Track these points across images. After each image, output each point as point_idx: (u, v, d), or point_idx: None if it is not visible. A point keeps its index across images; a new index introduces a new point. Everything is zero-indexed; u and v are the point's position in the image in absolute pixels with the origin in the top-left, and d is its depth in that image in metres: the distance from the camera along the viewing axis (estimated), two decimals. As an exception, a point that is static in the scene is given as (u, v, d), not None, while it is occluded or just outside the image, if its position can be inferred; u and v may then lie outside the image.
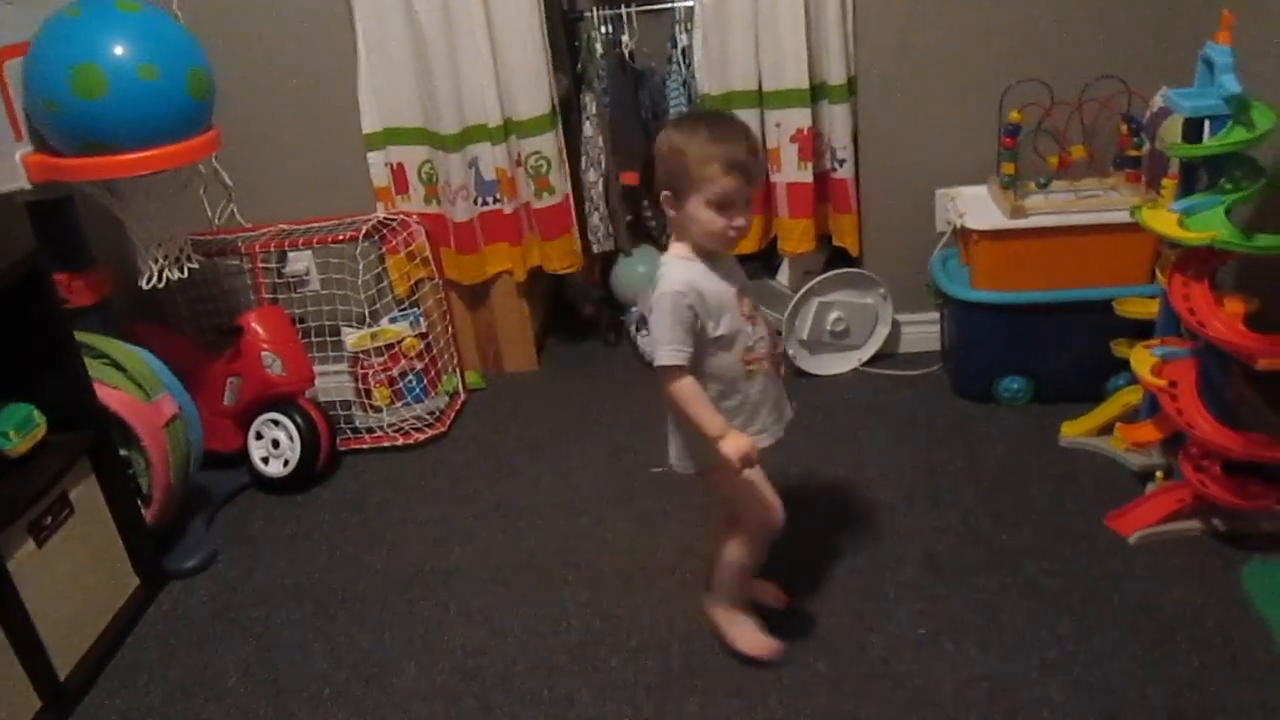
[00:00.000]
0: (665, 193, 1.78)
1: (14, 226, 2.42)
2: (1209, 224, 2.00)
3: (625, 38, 3.11)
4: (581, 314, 3.51)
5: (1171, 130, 2.16)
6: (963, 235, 2.71)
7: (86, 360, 2.29)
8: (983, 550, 2.23)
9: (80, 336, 2.30)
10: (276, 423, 2.74)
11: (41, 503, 2.10)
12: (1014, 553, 2.20)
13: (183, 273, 2.66)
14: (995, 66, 2.71)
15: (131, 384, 2.42)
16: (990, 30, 2.75)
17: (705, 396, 1.80)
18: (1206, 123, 2.05)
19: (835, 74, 2.84)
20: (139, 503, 2.40)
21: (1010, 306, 2.62)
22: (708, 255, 1.80)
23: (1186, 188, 2.15)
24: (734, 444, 1.78)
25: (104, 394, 2.32)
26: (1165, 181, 2.27)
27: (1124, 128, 2.58)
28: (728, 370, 1.82)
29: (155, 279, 2.59)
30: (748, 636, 2.02)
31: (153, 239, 2.58)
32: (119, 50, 2.25)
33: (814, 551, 2.29)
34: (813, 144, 2.91)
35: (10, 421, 2.10)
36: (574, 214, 3.13)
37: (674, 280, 1.76)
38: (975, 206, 2.68)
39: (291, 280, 3.06)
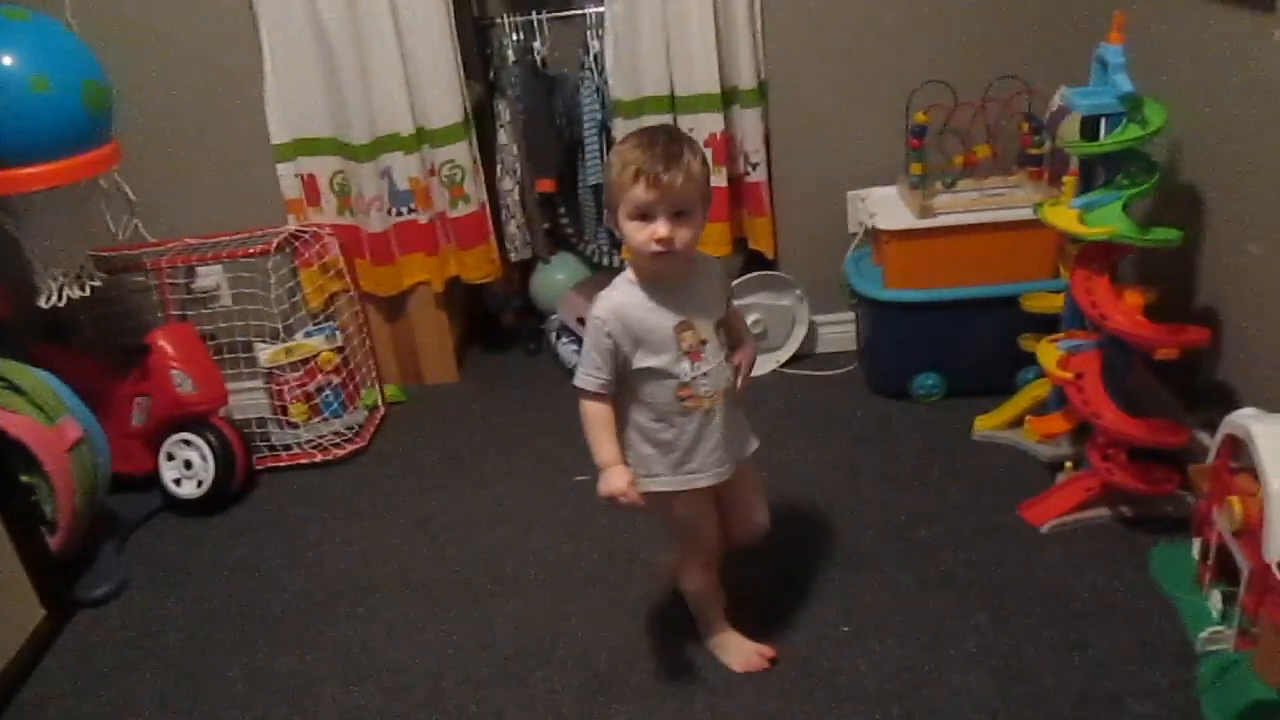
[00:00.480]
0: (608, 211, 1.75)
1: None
2: (1107, 219, 2.06)
3: (537, 44, 3.10)
4: (501, 323, 3.49)
5: (1070, 128, 2.23)
6: (874, 235, 2.75)
7: (-17, 385, 2.21)
8: (902, 545, 2.26)
9: (-24, 361, 2.22)
10: (189, 443, 2.67)
11: (-63, 535, 2.02)
12: (931, 546, 2.24)
13: (84, 290, 2.58)
14: (901, 69, 2.76)
15: (32, 408, 2.34)
16: (895, 33, 2.80)
17: (607, 424, 1.76)
18: (1103, 120, 2.11)
19: (746, 78, 2.87)
20: (44, 530, 2.31)
21: (922, 304, 2.67)
22: (653, 280, 1.72)
23: (1086, 184, 2.21)
24: (606, 481, 1.76)
25: (3, 419, 2.24)
26: (1066, 178, 2.33)
27: (1025, 126, 2.65)
28: (660, 402, 1.76)
29: (55, 298, 2.51)
30: (734, 656, 1.99)
31: (51, 256, 2.50)
32: (6, 61, 2.18)
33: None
34: (726, 148, 2.93)
35: (-99, 451, 2.02)
36: (490, 222, 3.10)
37: (601, 305, 1.73)
38: (885, 207, 2.72)
39: (201, 296, 2.99)
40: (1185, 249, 2.22)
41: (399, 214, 3.05)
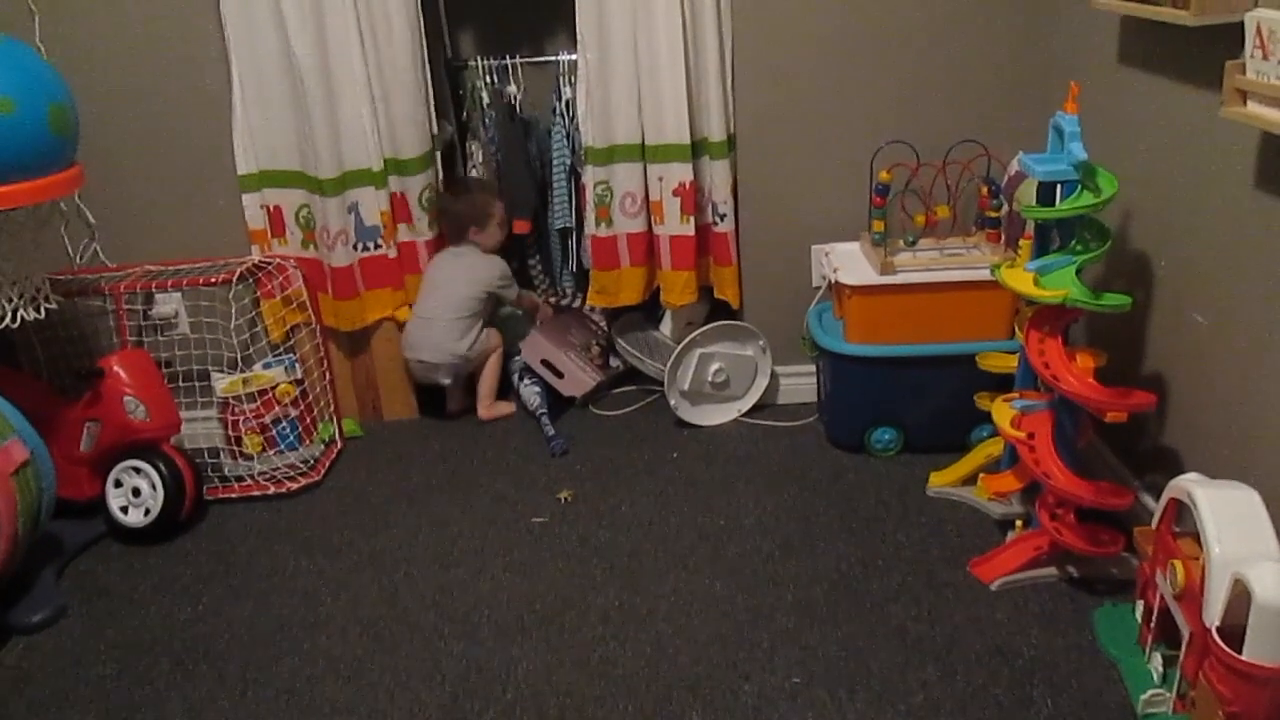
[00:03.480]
0: None
1: None
2: (1061, 282, 2.11)
3: (511, 88, 3.13)
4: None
5: (1026, 193, 2.28)
6: (837, 290, 2.79)
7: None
8: (854, 597, 2.27)
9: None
10: (138, 470, 2.63)
11: None
12: (883, 599, 2.25)
13: (39, 313, 2.55)
14: (866, 128, 2.82)
15: (-22, 429, 2.30)
16: (861, 93, 2.87)
17: None
18: (1058, 187, 2.17)
19: (716, 130, 2.91)
20: (-18, 555, 2.26)
21: (881, 359, 2.71)
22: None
23: (1041, 248, 2.26)
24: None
25: (-53, 440, 2.20)
26: (1022, 241, 2.38)
27: (984, 189, 2.71)
28: None
29: (9, 319, 2.48)
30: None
31: (7, 277, 2.47)
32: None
33: (689, 600, 2.30)
34: (694, 198, 2.97)
35: None
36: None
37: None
38: (848, 262, 2.76)
39: (159, 323, 2.96)
40: (1134, 315, 2.27)
41: (365, 249, 3.05)
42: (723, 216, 3.01)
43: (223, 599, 2.42)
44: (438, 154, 3.05)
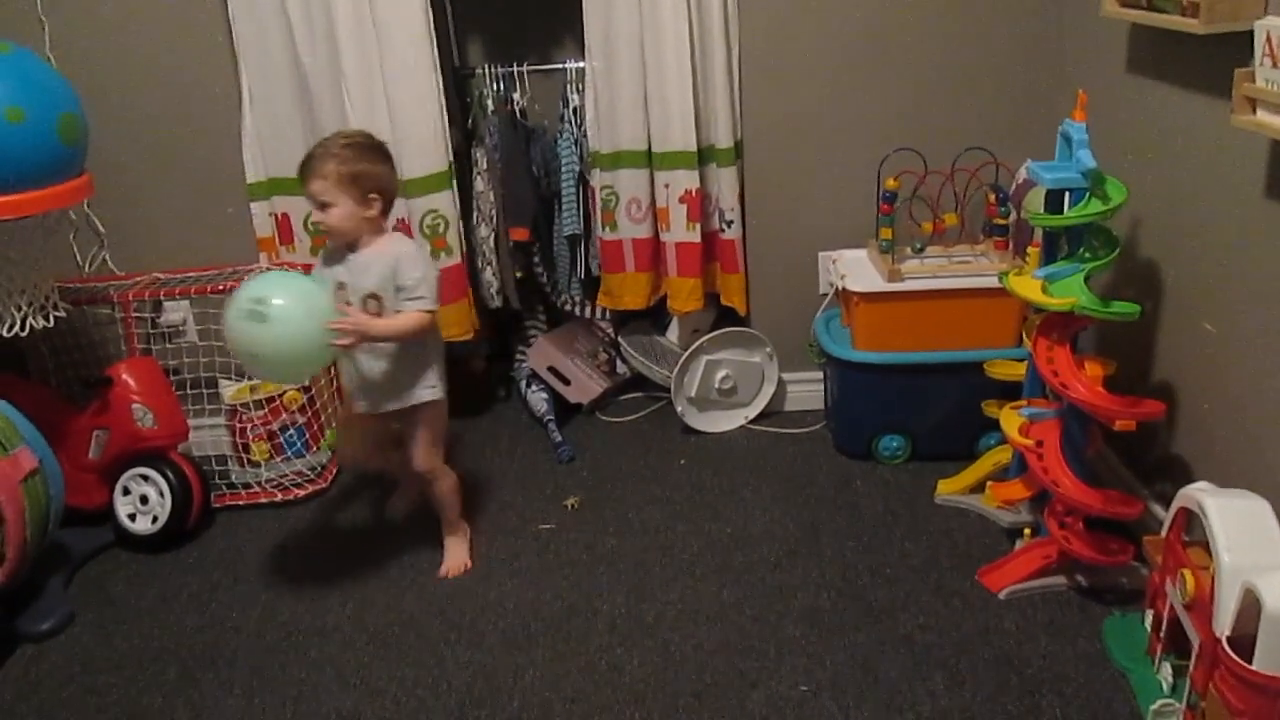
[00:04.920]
0: None
1: None
2: (1069, 290, 2.10)
3: (516, 95, 3.13)
4: (471, 369, 3.48)
5: (1035, 200, 2.28)
6: (844, 297, 2.79)
7: (-62, 412, 2.18)
8: (862, 606, 2.26)
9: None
10: (146, 478, 2.64)
11: (-119, 563, 1.98)
12: (891, 608, 2.25)
13: (48, 321, 2.55)
14: (874, 135, 2.82)
15: (-13, 437, 2.30)
16: (869, 100, 2.87)
17: None
18: (1066, 194, 2.16)
19: (723, 137, 2.91)
20: (-9, 562, 2.27)
21: (888, 367, 2.70)
22: (326, 248, 2.35)
23: (1049, 255, 2.25)
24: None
25: (-44, 448, 2.20)
26: (1030, 249, 2.38)
27: (992, 197, 2.71)
28: None
29: (17, 326, 2.48)
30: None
31: (16, 286, 2.48)
32: (-19, 91, 2.17)
33: (696, 608, 2.29)
34: (700, 205, 2.97)
35: None
36: (467, 278, 3.08)
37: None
38: (856, 269, 2.76)
39: (167, 330, 2.97)
40: (1143, 323, 2.27)
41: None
42: (730, 223, 3.01)
43: (230, 606, 2.42)
44: (454, 181, 2.98)
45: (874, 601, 2.27)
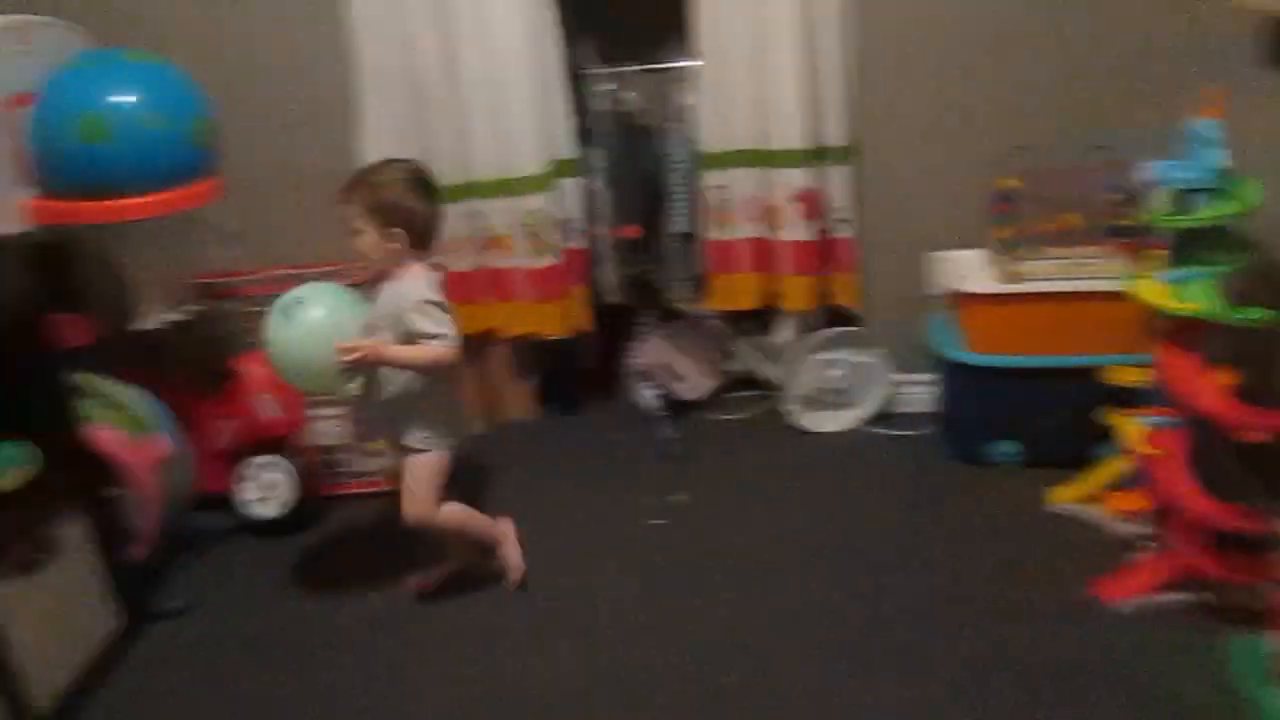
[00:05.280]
0: None
1: (14, 268, 2.46)
2: (1197, 295, 2.01)
3: (629, 95, 3.15)
4: (583, 365, 3.52)
5: (1161, 201, 2.18)
6: (958, 298, 2.73)
7: (81, 400, 2.32)
8: (971, 614, 2.21)
9: (76, 376, 2.32)
10: (268, 466, 2.75)
11: (29, 539, 2.11)
12: (1002, 617, 2.19)
13: (181, 315, 2.69)
14: (991, 133, 2.75)
15: (126, 423, 2.44)
16: (987, 97, 2.79)
17: None
18: (1195, 195, 2.07)
19: (836, 136, 2.88)
20: (126, 541, 2.40)
21: (1002, 370, 2.63)
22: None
23: (1176, 259, 2.16)
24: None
25: (98, 433, 2.34)
26: (1155, 252, 2.28)
27: (1115, 197, 2.60)
28: None
29: (155, 320, 2.62)
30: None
31: (152, 282, 2.61)
32: (125, 99, 2.29)
33: (804, 609, 2.28)
34: (813, 203, 2.94)
35: (2, 458, 2.12)
36: (577, 275, 3.12)
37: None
38: (970, 270, 2.70)
39: (291, 324, 3.07)
40: (1276, 331, 2.15)
41: (481, 257, 3.12)
42: (843, 222, 2.97)
43: (346, 591, 2.51)
44: (564, 180, 3.03)
45: (983, 609, 2.22)
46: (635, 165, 3.17)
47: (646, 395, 3.20)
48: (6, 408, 2.18)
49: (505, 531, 2.48)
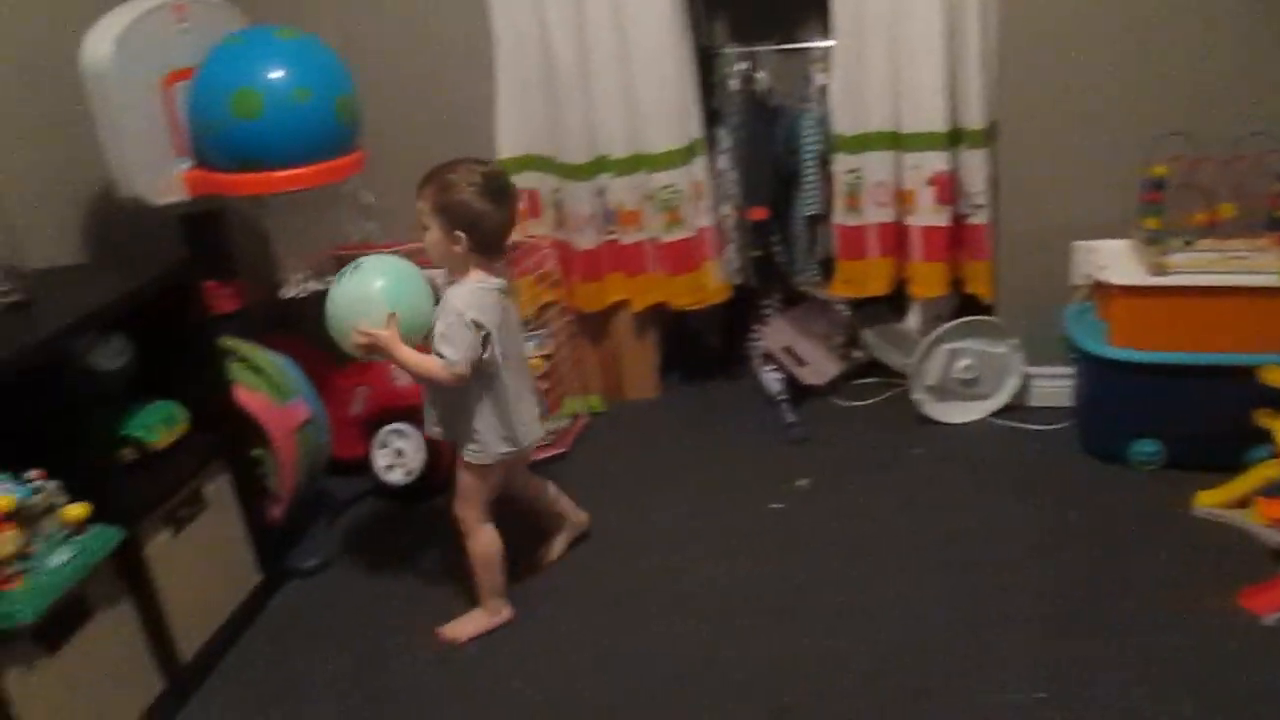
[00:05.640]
0: None
1: (171, 237, 2.58)
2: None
3: (761, 75, 3.12)
4: (705, 345, 3.52)
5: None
6: (1101, 290, 2.63)
7: (228, 363, 2.41)
8: (1103, 617, 2.14)
9: (224, 341, 2.42)
10: (401, 433, 2.83)
11: (179, 495, 2.22)
12: (1138, 622, 2.11)
13: (323, 286, 2.77)
14: (1142, 117, 2.63)
15: (268, 387, 2.53)
16: (1138, 81, 2.67)
17: None
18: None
19: (975, 118, 2.80)
20: (267, 501, 2.50)
21: (1147, 366, 2.52)
22: None
23: (1346, 252, 2.03)
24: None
25: (242, 396, 2.44)
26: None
27: (1276, 187, 2.46)
28: None
29: (297, 290, 2.71)
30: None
31: (297, 253, 2.71)
32: (276, 75, 2.38)
33: (926, 601, 2.24)
34: (949, 188, 2.87)
35: (155, 417, 2.23)
36: (710, 248, 3.12)
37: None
38: (1115, 261, 2.60)
39: (424, 296, 3.15)
40: None
41: (610, 233, 3.14)
42: (978, 208, 2.89)
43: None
44: (699, 156, 3.03)
45: (1117, 614, 2.14)
46: (765, 146, 3.13)
47: (769, 379, 3.18)
48: (160, 370, 2.30)
49: (497, 611, 2.32)
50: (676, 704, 2.03)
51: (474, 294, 2.10)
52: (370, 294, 2.10)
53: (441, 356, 2.07)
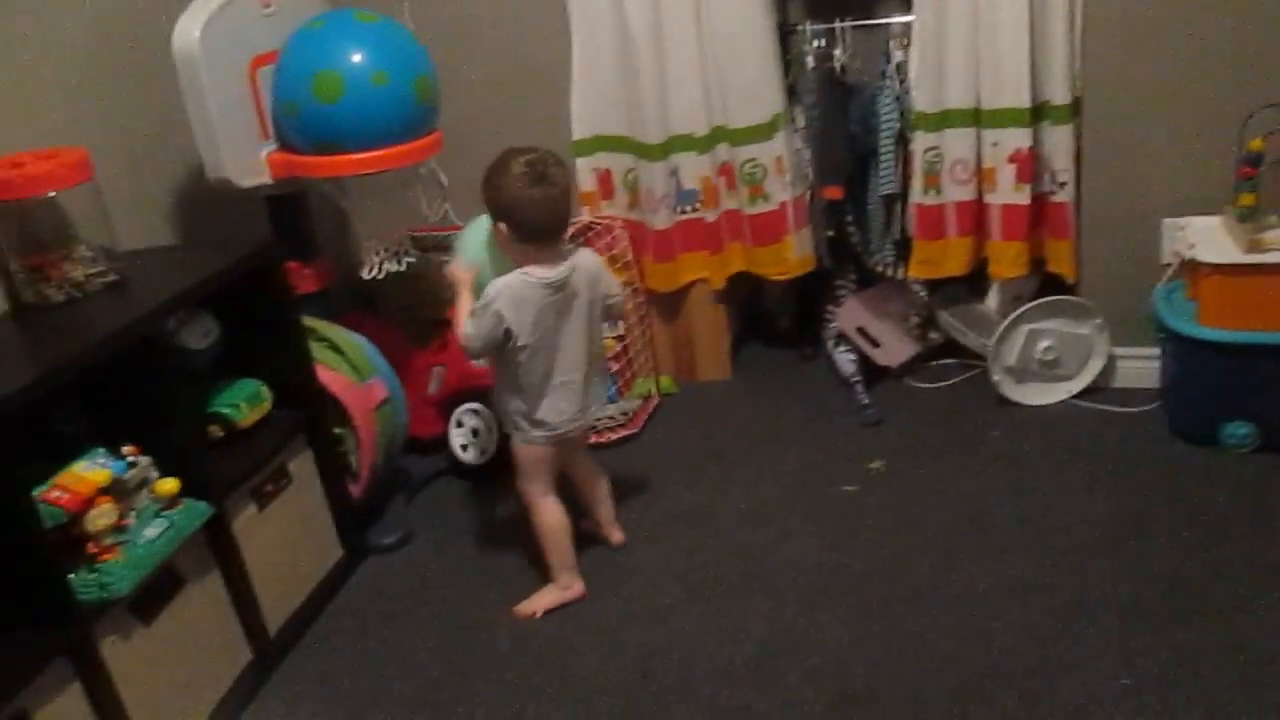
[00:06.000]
0: None
1: (256, 219, 2.63)
2: None
3: (837, 52, 3.08)
4: (778, 326, 3.49)
5: None
6: (1191, 268, 2.55)
7: (309, 343, 2.45)
8: (1195, 603, 2.08)
9: (305, 321, 2.46)
10: (476, 413, 2.85)
11: (264, 471, 2.27)
12: (1231, 609, 2.05)
13: (400, 266, 2.80)
14: (1236, 90, 2.54)
15: (348, 367, 2.57)
16: (1233, 51, 2.58)
17: None
18: None
19: (1059, 94, 2.72)
20: (348, 479, 2.54)
21: (1240, 346, 2.45)
22: None
23: None
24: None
25: (323, 375, 2.47)
26: None
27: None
28: None
29: (375, 271, 2.74)
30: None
31: (374, 234, 2.74)
32: (356, 58, 2.40)
33: (1006, 585, 2.20)
34: (1031, 165, 2.80)
35: (241, 395, 2.27)
36: (795, 221, 3.09)
37: None
38: (1206, 238, 2.52)
39: (498, 278, 3.17)
40: None
41: (683, 212, 3.13)
42: (1062, 185, 2.82)
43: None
44: (780, 130, 3.01)
45: (1210, 600, 2.09)
46: (841, 124, 3.09)
47: (842, 360, 3.14)
48: (245, 348, 2.34)
49: (567, 586, 2.34)
50: (746, 684, 2.03)
51: (511, 284, 2.12)
52: (477, 242, 2.26)
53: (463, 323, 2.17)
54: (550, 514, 2.32)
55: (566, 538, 2.33)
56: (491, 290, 2.12)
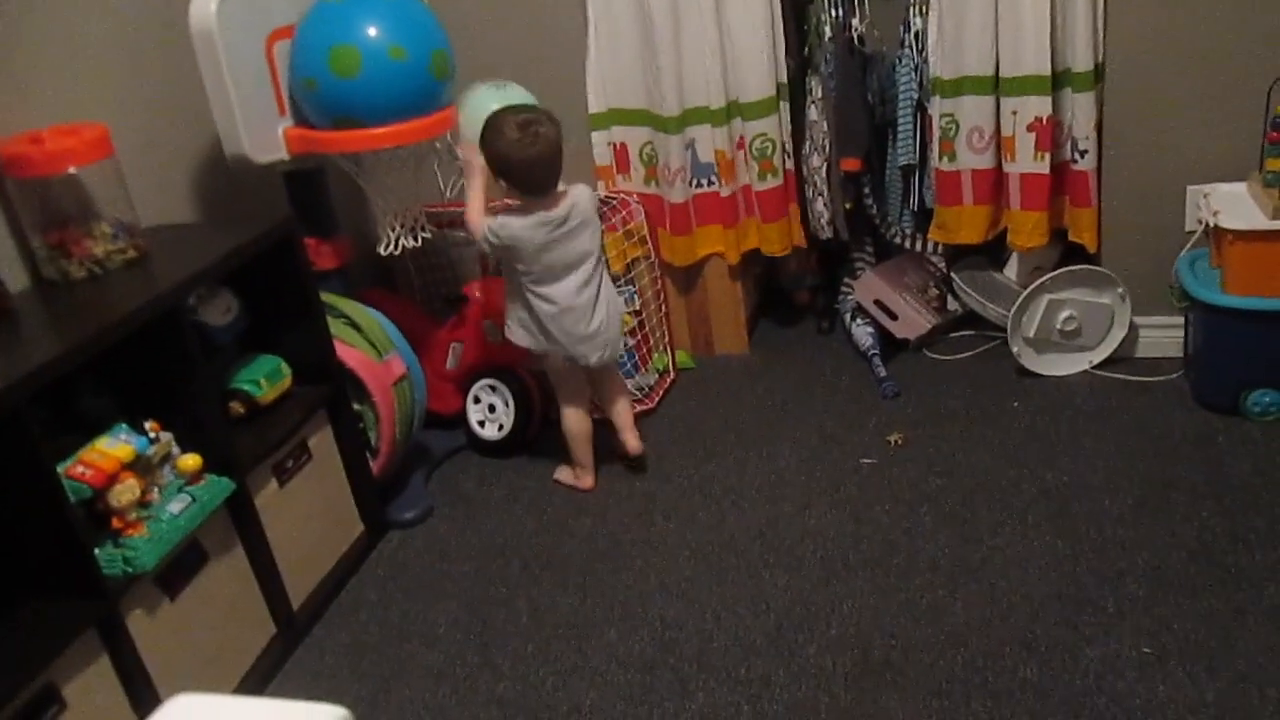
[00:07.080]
0: None
1: (274, 195, 2.63)
2: None
3: (855, 21, 3.05)
4: (795, 300, 3.48)
5: None
6: (1215, 235, 2.52)
7: (328, 319, 2.45)
8: (1219, 571, 2.07)
9: (324, 297, 2.46)
10: (494, 389, 2.86)
11: (285, 447, 2.27)
12: (1255, 577, 2.04)
13: (417, 242, 2.80)
14: (1263, 55, 2.50)
15: (366, 343, 2.57)
16: (1260, 14, 2.53)
17: None
18: None
19: (1081, 60, 2.69)
20: (367, 454, 2.55)
21: (1266, 314, 2.42)
22: None
23: None
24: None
25: (342, 351, 2.47)
26: None
27: None
28: None
29: (392, 247, 2.74)
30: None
31: (391, 209, 2.73)
32: (373, 32, 2.39)
33: (1027, 556, 2.19)
34: (1051, 134, 2.77)
35: (261, 371, 2.28)
36: (795, 197, 3.10)
37: None
38: (1231, 205, 2.49)
39: (515, 253, 3.17)
40: None
41: (699, 186, 3.11)
42: (1083, 153, 2.78)
43: (564, 512, 2.59)
44: (783, 104, 3.00)
45: (1234, 568, 2.08)
46: (858, 95, 3.06)
47: (860, 333, 3.13)
48: (265, 325, 2.35)
49: (579, 478, 2.69)
50: (769, 655, 2.03)
51: (513, 220, 2.41)
52: (479, 115, 2.43)
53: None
54: (569, 419, 2.63)
55: (584, 442, 2.65)
56: (497, 221, 2.40)
